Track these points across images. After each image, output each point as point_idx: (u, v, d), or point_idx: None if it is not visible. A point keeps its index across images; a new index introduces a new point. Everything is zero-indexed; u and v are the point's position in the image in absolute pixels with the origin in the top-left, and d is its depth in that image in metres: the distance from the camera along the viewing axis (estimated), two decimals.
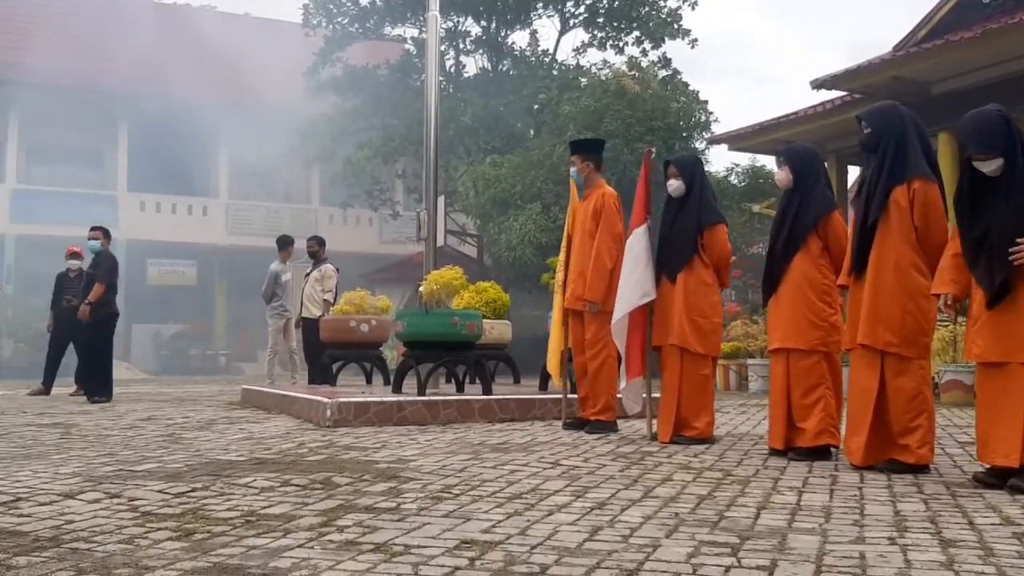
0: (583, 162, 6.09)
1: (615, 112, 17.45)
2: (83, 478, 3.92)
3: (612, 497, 3.49)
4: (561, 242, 6.26)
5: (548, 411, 6.89)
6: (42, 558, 2.51)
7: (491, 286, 8.53)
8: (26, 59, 23.05)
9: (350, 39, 22.97)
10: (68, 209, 23.70)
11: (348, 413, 6.38)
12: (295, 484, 3.76)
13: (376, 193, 23.28)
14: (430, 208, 8.62)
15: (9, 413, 7.95)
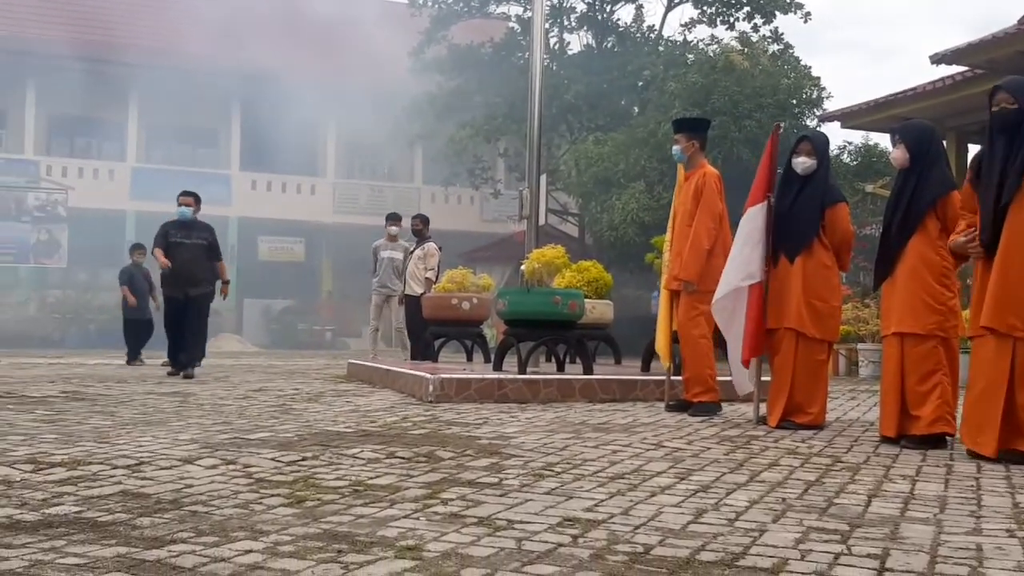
0: (688, 140, 5.98)
1: (723, 89, 17.09)
2: (201, 444, 4.08)
3: (717, 480, 3.45)
4: (667, 222, 6.18)
5: (650, 392, 6.84)
6: (164, 519, 2.62)
7: (593, 265, 8.49)
8: (144, 41, 24.02)
9: (455, 18, 23.11)
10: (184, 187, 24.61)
11: (450, 389, 6.46)
12: (400, 456, 3.84)
13: (478, 172, 23.44)
14: (533, 187, 8.62)
15: (131, 382, 8.34)
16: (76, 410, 5.55)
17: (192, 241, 9.24)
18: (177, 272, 9.03)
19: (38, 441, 4.08)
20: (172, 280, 9.14)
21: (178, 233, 9.23)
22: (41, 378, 8.62)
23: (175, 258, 9.07)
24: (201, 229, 9.39)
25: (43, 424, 4.76)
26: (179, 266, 9.03)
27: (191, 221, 9.35)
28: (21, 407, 5.66)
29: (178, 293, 9.14)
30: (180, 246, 9.15)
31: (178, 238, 9.18)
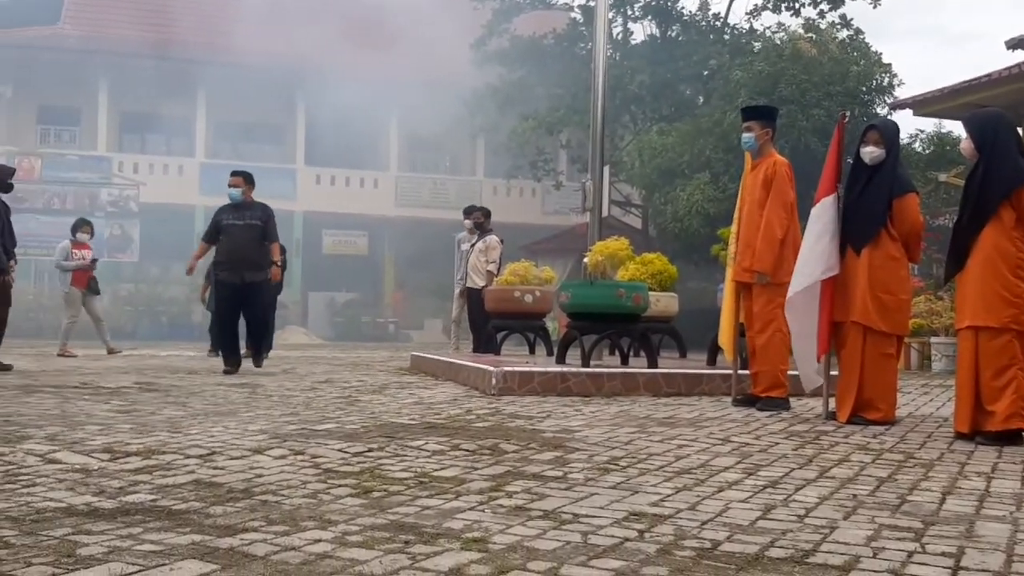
0: (762, 128, 5.86)
1: (790, 77, 16.79)
2: (269, 435, 4.16)
3: (785, 476, 3.39)
4: (733, 213, 6.08)
5: (716, 387, 6.76)
6: (236, 508, 2.68)
7: (657, 257, 8.42)
8: (212, 39, 24.49)
9: (518, 10, 23.09)
10: None
11: (513, 382, 6.47)
12: (464, 449, 3.86)
13: (540, 164, 23.41)
14: (596, 178, 8.59)
15: (201, 373, 8.54)
16: (149, 400, 5.70)
17: (245, 222, 8.58)
18: (232, 256, 8.50)
19: (114, 431, 4.20)
20: (227, 264, 8.54)
21: (230, 215, 8.63)
22: (115, 369, 8.87)
23: (229, 242, 8.54)
24: (255, 209, 8.68)
25: (119, 414, 4.90)
26: (233, 250, 8.49)
27: (243, 202, 8.68)
28: (97, 397, 5.83)
29: (234, 278, 8.50)
30: (233, 228, 8.56)
31: (230, 220, 8.59)
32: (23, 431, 4.10)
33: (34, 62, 24.75)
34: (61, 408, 5.13)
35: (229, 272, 8.53)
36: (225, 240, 8.54)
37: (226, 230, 8.54)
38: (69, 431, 4.14)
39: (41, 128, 26.85)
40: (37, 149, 25.52)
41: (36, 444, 3.72)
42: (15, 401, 5.46)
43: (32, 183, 23.51)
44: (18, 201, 11.41)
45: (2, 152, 22.07)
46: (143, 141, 27.46)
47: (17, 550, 2.17)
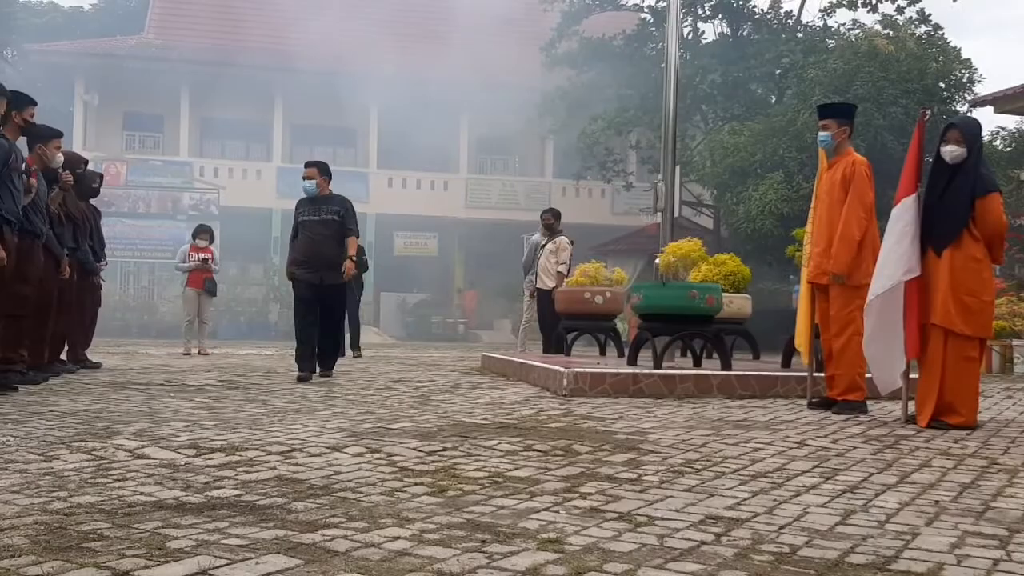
0: (839, 126, 5.75)
1: (866, 75, 16.44)
2: (346, 433, 4.24)
3: (864, 481, 3.33)
4: (808, 213, 5.98)
5: (791, 389, 6.66)
6: (316, 504, 2.74)
7: (730, 258, 8.33)
8: (288, 47, 24.99)
9: (587, 11, 23.05)
10: None
11: (584, 383, 6.47)
12: (537, 449, 3.88)
13: (609, 164, 23.33)
14: (667, 179, 8.52)
15: (280, 372, 8.73)
16: (231, 398, 5.86)
17: (322, 217, 7.94)
18: (309, 254, 7.86)
19: (199, 427, 4.33)
20: (304, 263, 7.88)
21: (307, 210, 8.00)
22: (198, 367, 9.13)
23: (305, 240, 7.90)
24: (332, 203, 8.02)
25: (202, 411, 5.05)
26: (311, 248, 7.86)
27: (318, 195, 8.04)
28: (182, 395, 6.02)
29: (312, 278, 7.84)
30: (310, 224, 7.93)
31: (306, 215, 7.97)
32: (113, 427, 4.26)
33: (120, 71, 25.60)
34: (148, 405, 5.31)
35: (307, 271, 7.88)
36: (302, 237, 7.95)
37: (303, 226, 7.97)
38: (156, 427, 4.28)
39: (127, 134, 27.75)
40: (123, 155, 26.38)
41: (125, 440, 3.86)
42: (104, 398, 5.67)
43: (118, 188, 24.31)
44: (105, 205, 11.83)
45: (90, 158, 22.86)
46: (223, 146, 28.18)
47: (111, 542, 2.27)
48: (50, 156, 6.89)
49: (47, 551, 2.17)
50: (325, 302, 7.96)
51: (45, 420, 4.48)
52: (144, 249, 24.89)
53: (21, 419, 4.51)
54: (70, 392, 6.04)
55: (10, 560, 2.09)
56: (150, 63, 25.85)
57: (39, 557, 2.12)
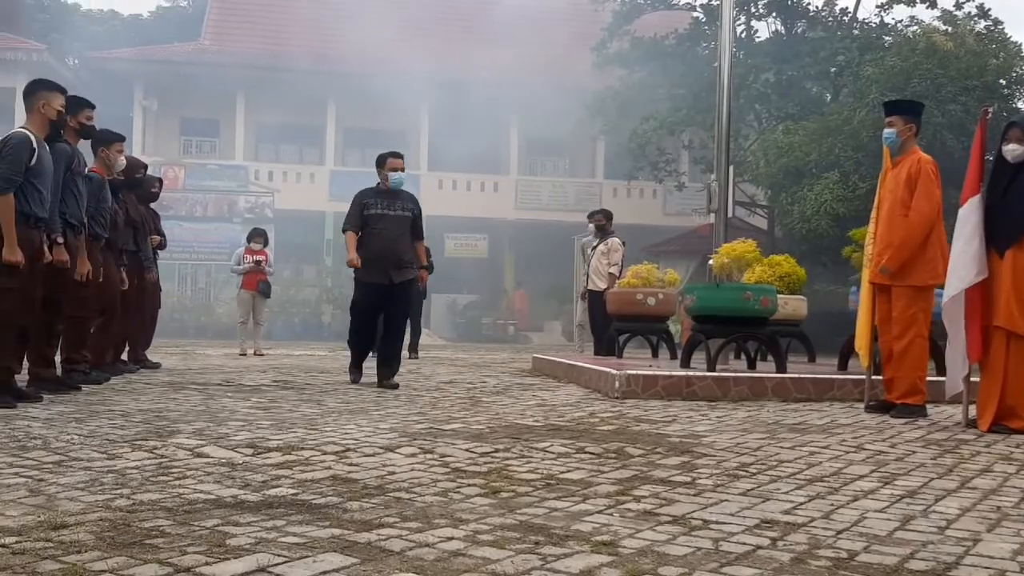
0: (905, 124, 5.63)
1: (924, 72, 16.11)
2: (399, 433, 4.28)
3: (924, 486, 3.27)
4: (865, 213, 5.88)
5: (848, 392, 6.55)
6: (371, 504, 2.77)
7: (785, 259, 8.22)
8: (341, 51, 25.27)
9: (639, 11, 22.94)
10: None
11: (636, 385, 6.44)
12: (589, 452, 3.87)
13: (661, 165, 23.17)
14: (721, 179, 8.42)
15: (333, 372, 8.83)
16: (286, 398, 5.95)
17: (397, 213, 7.19)
18: (383, 252, 7.08)
19: (255, 427, 4.40)
20: (374, 262, 7.10)
21: (379, 203, 7.19)
22: (253, 368, 9.27)
23: (376, 235, 7.12)
24: (406, 199, 7.35)
25: (259, 411, 5.13)
26: (383, 244, 7.09)
27: (391, 189, 7.31)
28: (238, 395, 6.12)
29: (380, 279, 7.13)
30: (383, 220, 7.13)
31: (379, 209, 7.15)
32: (173, 426, 4.35)
33: (177, 77, 26.10)
34: (206, 404, 5.41)
35: (374, 272, 7.14)
36: (371, 233, 7.13)
37: (374, 220, 7.13)
38: (214, 426, 4.36)
39: (184, 139, 28.29)
40: (180, 159, 26.91)
41: (185, 439, 3.94)
42: (164, 397, 5.79)
43: (176, 192, 24.80)
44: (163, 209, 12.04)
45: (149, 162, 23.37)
46: (277, 150, 28.59)
47: (173, 539, 2.32)
48: (112, 160, 7.05)
49: (111, 547, 2.22)
50: (391, 305, 7.27)
51: (108, 419, 4.59)
52: (201, 252, 25.36)
53: (84, 418, 4.63)
54: (131, 392, 6.18)
55: (77, 555, 2.14)
56: (206, 69, 26.33)
57: (104, 553, 2.17)
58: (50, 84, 5.57)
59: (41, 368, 5.90)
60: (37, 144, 5.25)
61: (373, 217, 7.16)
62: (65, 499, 2.74)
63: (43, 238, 5.43)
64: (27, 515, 2.52)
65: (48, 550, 2.18)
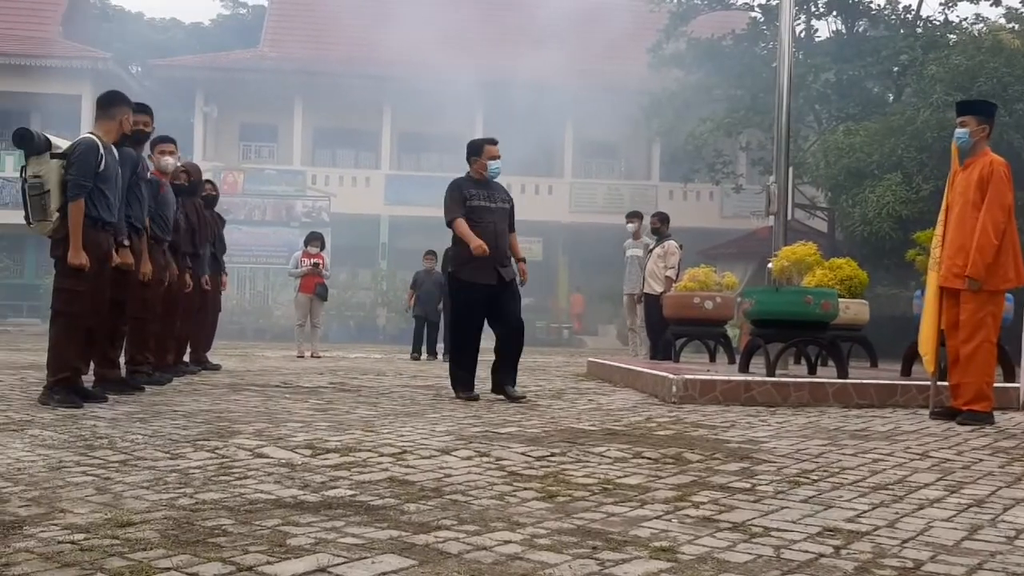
0: (978, 125, 5.48)
1: (990, 71, 15.71)
2: (455, 436, 4.29)
3: (992, 495, 3.18)
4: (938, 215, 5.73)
5: (912, 398, 6.40)
6: (428, 506, 2.78)
7: (846, 263, 8.07)
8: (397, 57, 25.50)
9: (695, 12, 22.77)
10: (431, 192, 26.14)
11: (694, 390, 6.37)
12: (647, 457, 3.84)
13: (719, 167, 22.96)
14: (780, 181, 8.31)
15: (388, 375, 8.90)
16: (343, 400, 6.00)
17: (497, 205, 6.61)
18: (488, 247, 6.34)
19: (313, 428, 4.45)
20: (481, 259, 6.35)
21: (479, 194, 6.54)
22: (311, 370, 9.39)
23: (482, 229, 6.41)
24: (501, 190, 6.83)
25: (317, 412, 5.19)
26: (490, 240, 6.38)
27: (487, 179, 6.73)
28: (296, 396, 6.20)
29: (489, 278, 6.40)
30: (487, 212, 6.51)
31: (480, 200, 6.51)
32: (234, 427, 4.42)
33: (237, 83, 26.61)
34: (265, 406, 5.49)
35: (484, 271, 6.43)
36: (478, 226, 6.43)
37: (479, 213, 6.48)
38: (273, 427, 4.42)
39: (243, 144, 28.81)
40: (239, 164, 27.40)
41: (245, 439, 4.00)
42: (224, 399, 5.89)
43: (235, 196, 25.25)
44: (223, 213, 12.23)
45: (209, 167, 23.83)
46: (334, 155, 28.96)
47: (235, 538, 2.35)
48: (157, 161, 7.11)
49: (175, 545, 2.26)
50: (504, 304, 6.50)
51: (170, 419, 4.69)
52: (259, 255, 25.78)
53: (148, 418, 4.72)
54: (193, 393, 6.30)
55: (142, 553, 2.18)
56: (265, 75, 26.80)
57: (168, 551, 2.21)
58: (129, 101, 5.71)
59: (106, 369, 6.03)
60: (104, 150, 5.39)
61: (477, 209, 6.48)
62: (131, 498, 2.80)
63: (111, 241, 5.57)
64: (94, 513, 2.58)
65: (115, 547, 2.23)
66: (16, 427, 4.22)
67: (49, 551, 2.18)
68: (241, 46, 30.83)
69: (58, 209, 5.19)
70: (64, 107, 25.00)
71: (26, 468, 3.22)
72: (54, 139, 5.34)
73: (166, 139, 7.29)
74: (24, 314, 24.27)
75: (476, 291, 6.43)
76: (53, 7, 28.51)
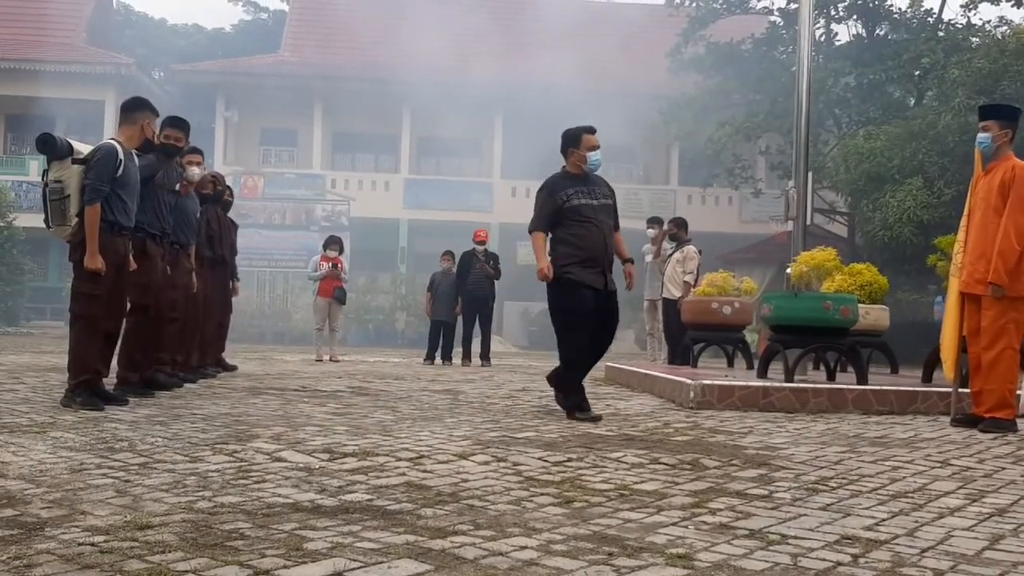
0: (1000, 129, 5.42)
1: (1014, 74, 15.57)
2: (473, 441, 4.29)
3: (1014, 504, 3.15)
4: (960, 220, 5.68)
5: (932, 405, 6.34)
6: (445, 511, 2.79)
7: (866, 268, 8.01)
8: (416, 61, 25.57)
9: (714, 16, 22.70)
10: (450, 196, 26.30)
11: (712, 395, 6.34)
12: (664, 463, 3.83)
13: (737, 171, 22.86)
14: (800, 186, 8.26)
15: (407, 379, 8.92)
16: (361, 404, 6.02)
17: (600, 202, 5.86)
18: (596, 249, 5.73)
19: (331, 432, 4.47)
20: (590, 261, 5.71)
21: (579, 191, 5.82)
22: (329, 374, 9.42)
23: (590, 228, 5.74)
24: (603, 184, 6.05)
25: (335, 416, 5.21)
26: (596, 239, 5.74)
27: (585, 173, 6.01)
28: (315, 400, 6.22)
29: (597, 281, 5.70)
30: (589, 210, 5.79)
31: (582, 198, 5.79)
32: (252, 430, 4.44)
33: (257, 88, 26.75)
34: (284, 410, 5.51)
35: (594, 271, 5.72)
36: (584, 225, 5.75)
37: (583, 212, 5.77)
38: (292, 431, 4.44)
39: (263, 149, 28.96)
40: (260, 169, 27.55)
41: (264, 443, 4.02)
42: (243, 402, 5.92)
43: (255, 200, 25.39)
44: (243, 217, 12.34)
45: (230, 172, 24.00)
46: (353, 159, 29.07)
47: (252, 542, 2.36)
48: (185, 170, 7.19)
49: (194, 548, 2.28)
50: (602, 315, 5.79)
51: (190, 422, 4.72)
52: (279, 259, 25.89)
53: (168, 421, 4.76)
54: (212, 396, 6.33)
55: (161, 555, 2.20)
56: (285, 80, 26.95)
57: (187, 553, 2.22)
58: (154, 108, 5.78)
59: (128, 371, 6.09)
60: (124, 155, 5.44)
61: (579, 208, 5.77)
62: (150, 500, 2.82)
63: (128, 246, 5.62)
64: (114, 515, 2.60)
65: (134, 549, 2.25)
66: (39, 429, 4.26)
67: (70, 553, 2.20)
68: (262, 51, 31.01)
69: (77, 214, 5.25)
70: (88, 112, 25.24)
71: (48, 470, 3.25)
72: (76, 144, 5.40)
73: (194, 150, 7.48)
74: (48, 316, 24.47)
75: (586, 293, 5.66)
76: (77, 14, 28.80)
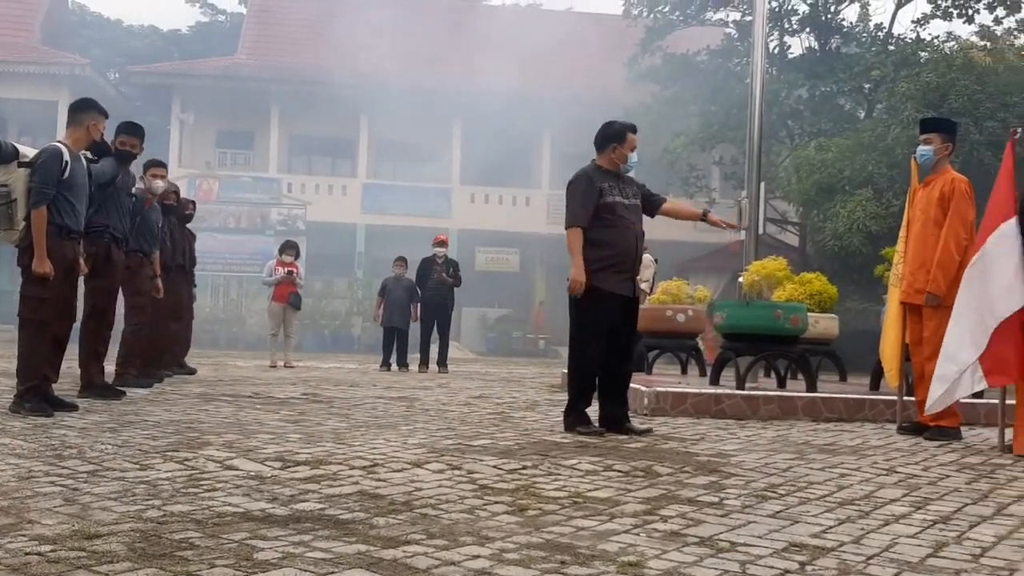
0: (942, 143, 5.57)
1: (961, 88, 15.95)
2: (427, 449, 4.29)
3: (958, 512, 3.22)
4: (899, 231, 5.82)
5: (880, 413, 6.47)
6: (398, 520, 2.78)
7: (816, 277, 8.14)
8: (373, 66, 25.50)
9: (671, 27, 22.94)
10: (408, 201, 26.22)
11: (665, 402, 6.41)
12: (617, 470, 3.86)
13: (692, 180, 23.10)
14: (752, 195, 8.38)
15: (362, 386, 8.87)
16: (315, 411, 5.98)
17: (631, 201, 5.43)
18: (627, 254, 5.32)
19: (284, 440, 4.43)
20: (618, 266, 5.29)
21: (614, 187, 5.40)
22: (283, 380, 9.34)
23: (621, 229, 5.30)
24: (633, 184, 5.66)
25: (288, 424, 5.17)
26: (628, 241, 5.32)
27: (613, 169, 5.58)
28: (268, 407, 6.17)
29: (625, 288, 5.31)
30: (623, 210, 5.35)
31: (616, 195, 5.35)
32: (203, 438, 4.39)
33: (214, 90, 26.45)
34: (236, 416, 5.46)
35: (621, 277, 5.30)
36: (615, 226, 5.30)
37: (617, 210, 5.32)
38: (244, 439, 4.40)
39: (219, 151, 28.63)
40: (215, 171, 27.21)
41: (215, 451, 3.98)
42: (195, 409, 5.85)
43: (211, 204, 25.07)
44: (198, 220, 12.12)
45: (183, 175, 23.67)
46: (310, 162, 28.86)
47: (201, 551, 2.34)
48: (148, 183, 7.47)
49: (142, 558, 2.25)
50: (626, 325, 5.38)
51: (140, 429, 4.65)
52: (233, 263, 25.60)
53: (118, 428, 4.69)
54: (164, 402, 6.25)
55: (109, 566, 2.17)
56: (242, 82, 26.67)
57: (135, 564, 2.20)
58: (102, 108, 5.75)
59: (93, 373, 6.12)
60: (70, 157, 5.36)
61: (613, 205, 5.31)
62: (98, 509, 2.78)
63: (76, 249, 5.54)
64: (62, 524, 2.56)
65: (81, 559, 2.21)
66: None
67: (16, 562, 2.17)
68: (218, 53, 30.66)
69: (25, 218, 5.17)
70: (41, 114, 24.73)
71: None
72: (22, 148, 5.31)
73: (158, 163, 7.80)
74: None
75: (611, 302, 5.22)
76: (31, 13, 28.23)
